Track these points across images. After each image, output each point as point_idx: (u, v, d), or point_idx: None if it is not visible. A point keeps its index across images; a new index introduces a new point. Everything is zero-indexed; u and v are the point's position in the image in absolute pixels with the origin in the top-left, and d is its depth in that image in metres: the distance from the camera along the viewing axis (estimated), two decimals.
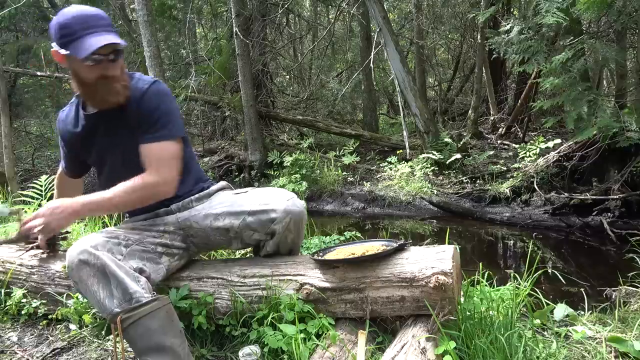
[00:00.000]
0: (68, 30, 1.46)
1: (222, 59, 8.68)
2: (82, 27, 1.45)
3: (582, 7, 4.10)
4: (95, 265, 1.45)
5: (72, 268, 1.46)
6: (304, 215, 1.74)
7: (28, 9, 10.46)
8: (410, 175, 6.38)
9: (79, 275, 1.46)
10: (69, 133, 1.73)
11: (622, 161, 4.62)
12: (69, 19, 1.46)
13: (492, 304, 1.69)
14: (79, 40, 1.45)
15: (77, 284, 1.49)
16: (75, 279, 1.48)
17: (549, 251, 4.18)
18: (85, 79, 1.53)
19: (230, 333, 1.74)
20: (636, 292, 2.15)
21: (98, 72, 1.50)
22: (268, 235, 1.73)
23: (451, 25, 11.21)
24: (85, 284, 1.45)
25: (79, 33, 1.45)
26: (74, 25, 1.46)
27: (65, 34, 1.46)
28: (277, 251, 1.80)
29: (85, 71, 1.51)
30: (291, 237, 1.75)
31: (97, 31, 1.46)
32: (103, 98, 1.57)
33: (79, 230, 3.42)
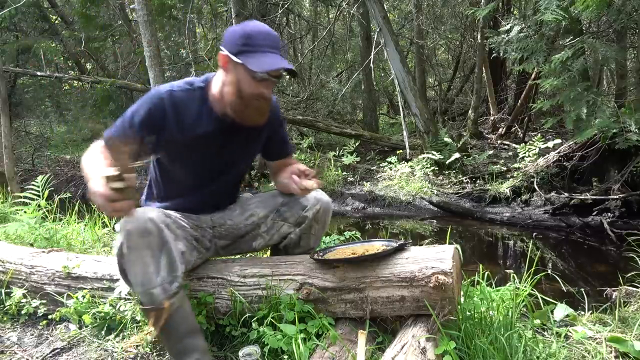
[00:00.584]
0: (252, 41, 1.48)
1: None
2: (267, 44, 1.49)
3: (580, 6, 4.09)
4: (157, 237, 1.45)
5: (133, 233, 1.43)
6: (331, 207, 1.85)
7: (28, 9, 10.45)
8: (410, 175, 6.38)
9: (137, 242, 1.43)
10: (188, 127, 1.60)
11: (622, 161, 4.62)
12: (256, 32, 1.49)
13: (492, 304, 1.69)
14: (259, 54, 1.47)
15: (127, 251, 1.44)
16: (130, 244, 1.43)
17: (549, 251, 4.18)
18: (244, 91, 1.52)
19: (230, 333, 1.74)
20: (636, 292, 2.15)
21: (258, 90, 1.52)
22: (297, 225, 1.81)
23: (451, 25, 11.20)
24: (140, 253, 1.44)
25: (262, 48, 1.48)
26: (259, 39, 1.48)
27: (247, 44, 1.48)
28: (297, 244, 1.84)
29: (248, 84, 1.51)
30: (315, 229, 1.82)
31: (276, 53, 1.50)
32: (250, 115, 1.57)
33: (79, 230, 3.42)
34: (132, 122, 1.56)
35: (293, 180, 1.67)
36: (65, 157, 9.78)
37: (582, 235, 4.43)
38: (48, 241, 3.03)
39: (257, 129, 1.68)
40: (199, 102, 1.61)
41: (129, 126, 1.56)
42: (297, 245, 1.85)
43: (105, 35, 10.09)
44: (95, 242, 3.28)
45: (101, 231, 3.51)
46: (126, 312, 1.93)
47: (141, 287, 1.46)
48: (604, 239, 4.20)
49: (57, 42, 11.33)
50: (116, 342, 1.88)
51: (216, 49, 8.82)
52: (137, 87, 9.62)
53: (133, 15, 9.95)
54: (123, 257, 1.46)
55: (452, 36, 11.77)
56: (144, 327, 1.89)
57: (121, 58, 10.83)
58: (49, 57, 11.08)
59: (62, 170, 8.79)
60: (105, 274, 2.04)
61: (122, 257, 1.47)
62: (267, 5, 9.00)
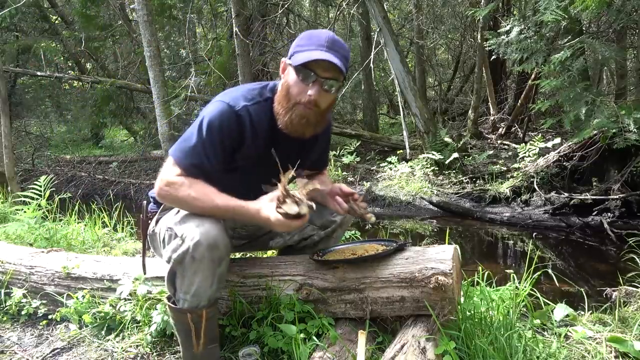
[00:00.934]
0: (304, 42, 1.43)
1: (222, 59, 8.67)
2: (319, 44, 1.40)
3: (580, 6, 4.09)
4: (223, 251, 1.41)
5: (202, 245, 1.37)
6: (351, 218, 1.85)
7: (28, 9, 10.45)
8: (410, 175, 6.38)
9: (204, 254, 1.38)
10: (262, 142, 1.53)
11: (622, 161, 4.62)
12: (313, 34, 1.44)
13: (492, 304, 1.69)
14: (306, 52, 1.40)
15: (190, 260, 1.39)
16: (195, 255, 1.38)
17: (549, 251, 4.18)
18: (290, 93, 1.43)
19: (230, 333, 1.74)
20: (636, 292, 2.15)
21: (304, 90, 1.41)
22: (322, 228, 1.82)
23: (451, 25, 11.21)
24: (204, 265, 1.40)
25: (311, 47, 1.40)
26: (313, 39, 1.42)
27: (300, 44, 1.43)
28: (316, 246, 1.85)
29: (295, 85, 1.42)
30: (337, 233, 1.85)
31: (327, 50, 1.39)
32: (292, 120, 1.45)
33: (79, 230, 3.42)
34: (212, 145, 1.45)
35: (336, 201, 1.61)
36: (65, 157, 9.78)
37: (582, 235, 4.43)
38: (48, 241, 3.03)
39: (312, 142, 1.61)
40: (270, 114, 1.52)
41: (212, 153, 1.45)
42: (315, 246, 1.85)
43: (105, 35, 10.09)
44: (95, 242, 3.28)
45: (101, 231, 3.52)
46: (126, 312, 1.93)
47: (191, 296, 1.45)
48: (604, 239, 4.20)
49: (57, 42, 11.33)
50: (116, 342, 1.88)
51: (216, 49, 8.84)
52: (137, 87, 9.62)
53: (133, 15, 9.95)
54: (182, 264, 1.41)
55: (452, 36, 11.77)
56: (144, 327, 1.89)
57: (121, 58, 10.83)
58: (49, 57, 11.09)
59: (62, 170, 8.79)
60: (105, 274, 2.04)
61: (180, 264, 1.41)
62: (267, 5, 9.00)
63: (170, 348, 1.81)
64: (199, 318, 1.49)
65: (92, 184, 8.19)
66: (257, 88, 1.55)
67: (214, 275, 1.43)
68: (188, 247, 1.38)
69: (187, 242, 1.39)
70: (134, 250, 3.21)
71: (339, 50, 1.42)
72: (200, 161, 1.45)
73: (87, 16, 9.22)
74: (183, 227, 1.44)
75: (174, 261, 1.43)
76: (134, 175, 8.30)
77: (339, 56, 1.41)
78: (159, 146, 7.46)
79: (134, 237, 3.58)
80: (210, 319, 1.52)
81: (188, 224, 1.43)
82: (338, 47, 1.42)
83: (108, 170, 8.74)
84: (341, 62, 1.40)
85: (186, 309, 1.48)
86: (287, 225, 1.35)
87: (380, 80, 11.70)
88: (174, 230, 1.47)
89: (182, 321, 1.51)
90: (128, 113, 10.73)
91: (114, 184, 7.97)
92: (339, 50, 1.42)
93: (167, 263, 1.48)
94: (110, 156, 9.77)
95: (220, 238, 1.40)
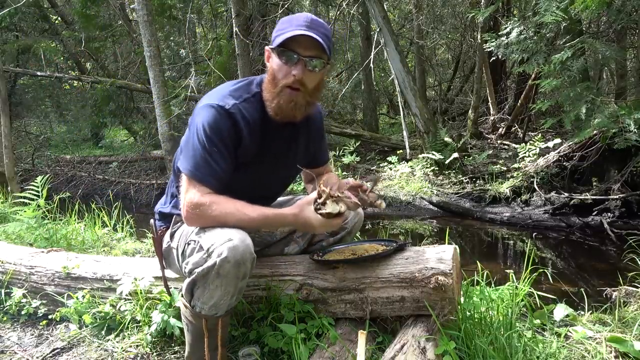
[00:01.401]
0: (284, 26, 1.39)
1: (222, 59, 8.67)
2: (297, 25, 1.37)
3: (579, 6, 4.09)
4: (248, 266, 1.38)
5: (230, 261, 1.33)
6: (362, 219, 1.86)
7: (28, 9, 10.45)
8: (410, 175, 6.38)
9: (230, 271, 1.34)
10: (261, 139, 1.52)
11: (622, 161, 4.62)
12: (293, 17, 1.40)
13: (492, 304, 1.69)
14: (284, 34, 1.36)
15: (216, 275, 1.35)
16: (221, 272, 1.34)
17: (549, 251, 4.18)
18: (276, 78, 1.42)
19: (230, 333, 1.74)
20: (636, 292, 2.15)
21: (288, 71, 1.39)
22: (331, 235, 1.82)
23: (451, 25, 11.21)
24: (228, 281, 1.37)
25: (289, 29, 1.37)
26: (292, 22, 1.39)
27: (280, 29, 1.40)
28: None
29: (278, 69, 1.40)
30: (347, 240, 1.84)
31: (306, 29, 1.35)
32: (280, 105, 1.44)
33: (79, 230, 3.42)
34: (218, 151, 1.42)
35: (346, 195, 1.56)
36: (65, 157, 9.78)
37: (582, 235, 4.43)
38: (48, 241, 3.03)
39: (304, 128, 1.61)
40: (261, 108, 1.50)
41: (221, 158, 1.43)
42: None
43: (105, 35, 10.09)
44: (95, 242, 3.28)
45: (101, 231, 3.52)
46: (126, 312, 1.93)
47: (209, 307, 1.43)
48: (604, 239, 4.20)
49: (57, 42, 11.33)
50: (116, 342, 1.88)
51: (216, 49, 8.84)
52: (137, 87, 9.61)
53: (133, 15, 9.95)
54: (206, 278, 1.37)
55: (452, 36, 11.77)
56: (144, 327, 1.89)
57: (121, 58, 10.82)
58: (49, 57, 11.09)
59: (62, 170, 8.78)
60: (105, 274, 2.04)
61: (204, 277, 1.38)
62: (267, 5, 9.00)
63: (170, 348, 1.81)
64: (215, 325, 1.48)
65: (92, 184, 8.19)
66: (242, 85, 1.53)
67: (236, 289, 1.41)
68: (214, 262, 1.34)
69: (214, 257, 1.34)
70: (134, 250, 3.21)
71: (318, 28, 1.39)
72: (214, 171, 1.43)
73: (87, 16, 9.22)
74: (209, 239, 1.39)
75: (197, 274, 1.38)
76: (134, 175, 8.30)
77: (319, 34, 1.38)
78: (159, 146, 7.46)
79: (133, 237, 3.58)
80: (225, 326, 1.52)
81: (214, 237, 1.38)
82: (317, 26, 1.39)
83: (108, 170, 8.74)
84: (322, 39, 1.37)
85: (203, 315, 1.46)
86: (329, 224, 1.37)
87: (380, 80, 11.70)
88: (199, 243, 1.42)
89: (197, 324, 1.49)
90: (128, 113, 10.73)
91: (114, 184, 7.97)
92: (319, 29, 1.39)
93: (187, 275, 1.44)
94: (110, 156, 9.77)
95: (247, 254, 1.36)
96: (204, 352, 1.51)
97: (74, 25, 10.99)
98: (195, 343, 1.53)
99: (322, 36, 1.38)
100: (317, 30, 1.38)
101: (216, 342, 1.51)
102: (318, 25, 1.40)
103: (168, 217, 1.67)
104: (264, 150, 1.54)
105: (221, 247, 1.34)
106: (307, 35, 1.35)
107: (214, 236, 1.38)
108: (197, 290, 1.43)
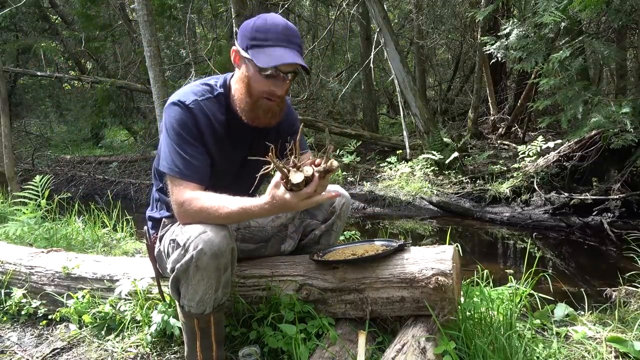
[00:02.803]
0: (262, 35, 1.38)
1: (222, 59, 8.66)
2: (278, 38, 1.38)
3: (578, 6, 4.09)
4: (227, 258, 1.39)
5: (206, 253, 1.34)
6: (350, 202, 1.86)
7: (28, 8, 10.45)
8: (410, 175, 6.38)
9: (208, 263, 1.35)
10: (221, 137, 1.54)
11: (622, 161, 4.62)
12: (268, 25, 1.39)
13: (492, 304, 1.69)
14: (268, 48, 1.37)
15: (194, 269, 1.36)
16: (199, 264, 1.35)
17: (549, 251, 4.18)
18: (253, 88, 1.44)
19: (230, 333, 1.74)
20: (636, 292, 2.15)
21: (267, 87, 1.42)
22: (324, 222, 1.81)
23: (451, 25, 11.20)
24: (208, 274, 1.37)
25: (272, 42, 1.38)
26: (270, 31, 1.38)
27: (257, 37, 1.38)
28: (318, 242, 1.85)
29: (257, 81, 1.42)
30: (337, 226, 1.84)
31: (288, 47, 1.39)
32: (259, 115, 1.48)
33: (79, 230, 3.42)
34: (188, 143, 1.45)
35: None
36: (65, 157, 9.78)
37: (582, 235, 4.43)
38: (48, 241, 3.03)
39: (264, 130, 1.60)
40: (224, 108, 1.53)
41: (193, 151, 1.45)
42: (317, 242, 1.85)
43: (105, 35, 10.09)
44: (95, 242, 3.28)
45: (101, 231, 3.52)
46: (126, 312, 1.93)
47: (196, 303, 1.44)
48: (604, 239, 4.20)
49: (57, 42, 11.34)
50: (116, 342, 1.88)
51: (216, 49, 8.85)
52: (137, 87, 9.62)
53: (133, 15, 9.96)
54: (187, 273, 1.39)
55: (452, 36, 11.77)
56: (144, 327, 1.89)
57: (121, 58, 10.83)
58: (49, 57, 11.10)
59: (62, 170, 8.79)
60: (105, 274, 2.04)
61: (185, 273, 1.39)
62: (267, 5, 8.99)
63: (170, 348, 1.81)
64: (207, 323, 1.48)
65: (92, 184, 8.19)
66: (205, 85, 1.54)
67: (219, 282, 1.42)
68: (192, 256, 1.35)
69: (191, 251, 1.36)
70: (134, 250, 3.21)
71: (294, 40, 1.40)
72: (191, 164, 1.45)
73: (87, 16, 9.22)
74: (185, 235, 1.40)
75: (177, 271, 1.40)
76: (134, 175, 8.30)
77: (298, 50, 1.40)
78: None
79: (133, 237, 3.58)
80: (219, 322, 1.52)
81: (190, 231, 1.39)
82: (293, 37, 1.40)
83: (108, 170, 8.74)
84: (300, 56, 1.40)
85: (194, 314, 1.47)
86: (304, 196, 1.26)
87: (380, 80, 11.69)
88: (177, 241, 1.44)
89: (189, 324, 1.51)
90: (128, 113, 10.73)
91: (114, 184, 7.97)
92: (295, 41, 1.40)
93: (170, 273, 1.46)
94: (110, 156, 9.77)
95: (224, 244, 1.37)
96: (204, 352, 1.52)
97: (74, 25, 11.00)
98: (191, 343, 1.54)
99: (299, 51, 1.41)
100: (295, 45, 1.40)
101: (210, 341, 1.51)
102: (293, 36, 1.41)
103: (158, 221, 1.69)
104: (229, 151, 1.56)
105: (196, 239, 1.35)
106: (291, 63, 1.37)
107: (190, 231, 1.40)
108: (182, 288, 1.45)
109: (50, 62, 11.77)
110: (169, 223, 1.61)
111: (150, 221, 1.72)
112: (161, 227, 1.66)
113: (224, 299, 1.49)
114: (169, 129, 1.47)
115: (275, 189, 1.30)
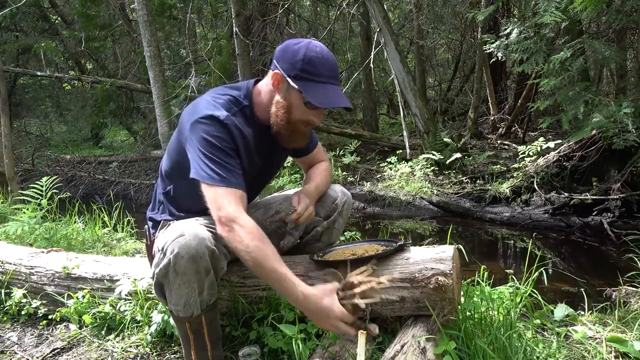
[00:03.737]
0: (313, 68, 1.42)
1: (222, 59, 8.67)
2: (328, 75, 1.44)
3: (578, 6, 4.09)
4: (207, 261, 1.37)
5: (183, 257, 1.33)
6: (351, 200, 1.88)
7: (28, 8, 10.45)
8: (410, 175, 6.38)
9: (186, 267, 1.34)
10: (253, 149, 1.56)
11: (622, 161, 4.62)
12: (318, 59, 1.42)
13: (492, 304, 1.69)
14: (319, 85, 1.42)
15: (174, 274, 1.36)
16: (177, 269, 1.35)
17: (549, 251, 4.18)
18: (294, 116, 1.48)
19: (230, 333, 1.74)
20: (636, 292, 2.15)
21: (307, 116, 1.49)
22: (326, 218, 1.81)
23: (451, 25, 11.20)
24: (188, 278, 1.37)
25: (322, 79, 1.43)
26: (321, 67, 1.43)
27: (308, 70, 1.41)
28: (319, 239, 1.84)
29: (300, 111, 1.47)
30: (339, 223, 1.83)
31: (336, 84, 1.47)
32: (295, 139, 1.54)
33: (79, 230, 3.42)
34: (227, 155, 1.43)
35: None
36: (65, 157, 9.78)
37: (582, 235, 4.43)
38: (48, 241, 3.03)
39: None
40: (252, 122, 1.55)
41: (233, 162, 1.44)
42: (318, 240, 1.84)
43: (105, 35, 10.09)
44: (95, 242, 3.28)
45: (101, 231, 3.52)
46: (126, 312, 1.93)
47: (182, 307, 1.44)
48: (604, 239, 4.20)
49: (57, 42, 11.33)
50: (116, 342, 1.88)
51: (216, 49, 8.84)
52: (137, 87, 9.62)
53: (133, 15, 9.96)
54: (167, 278, 1.39)
55: (452, 36, 11.77)
56: (144, 327, 1.89)
57: (121, 58, 10.83)
58: (49, 57, 11.10)
59: (62, 170, 8.79)
60: (105, 274, 2.04)
61: (165, 277, 1.39)
62: (267, 5, 8.99)
63: (170, 348, 1.81)
64: (199, 325, 1.48)
65: (92, 184, 8.19)
66: (229, 96, 1.53)
67: (202, 285, 1.41)
68: (169, 260, 1.35)
69: (168, 255, 1.35)
70: (134, 250, 3.21)
71: (338, 76, 1.49)
72: (232, 171, 1.42)
73: (87, 16, 9.22)
74: (165, 239, 1.39)
75: (157, 276, 1.41)
76: (134, 175, 8.31)
77: (338, 85, 1.49)
78: (159, 146, 7.46)
79: (133, 237, 3.58)
80: (211, 322, 1.51)
81: (168, 235, 1.39)
82: (337, 72, 1.50)
83: (108, 170, 8.75)
84: (346, 99, 1.48)
85: (183, 318, 1.47)
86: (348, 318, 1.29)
87: (380, 80, 11.69)
88: (158, 245, 1.44)
89: (182, 328, 1.51)
90: (128, 113, 10.74)
91: (114, 184, 7.97)
92: (338, 76, 1.49)
93: (151, 278, 1.47)
94: (110, 156, 9.78)
95: (202, 247, 1.35)
96: (199, 353, 1.52)
97: (74, 25, 11.00)
98: (186, 346, 1.54)
99: (339, 86, 1.49)
100: (339, 81, 1.49)
101: (204, 342, 1.51)
102: (337, 71, 1.50)
103: (158, 222, 1.68)
104: (253, 160, 1.58)
105: (173, 244, 1.35)
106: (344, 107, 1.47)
107: (168, 234, 1.39)
108: (167, 292, 1.44)
109: (50, 62, 11.77)
110: (165, 226, 1.59)
111: (151, 221, 1.72)
112: (159, 227, 1.65)
113: (212, 299, 1.48)
114: (202, 142, 1.41)
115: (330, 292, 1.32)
